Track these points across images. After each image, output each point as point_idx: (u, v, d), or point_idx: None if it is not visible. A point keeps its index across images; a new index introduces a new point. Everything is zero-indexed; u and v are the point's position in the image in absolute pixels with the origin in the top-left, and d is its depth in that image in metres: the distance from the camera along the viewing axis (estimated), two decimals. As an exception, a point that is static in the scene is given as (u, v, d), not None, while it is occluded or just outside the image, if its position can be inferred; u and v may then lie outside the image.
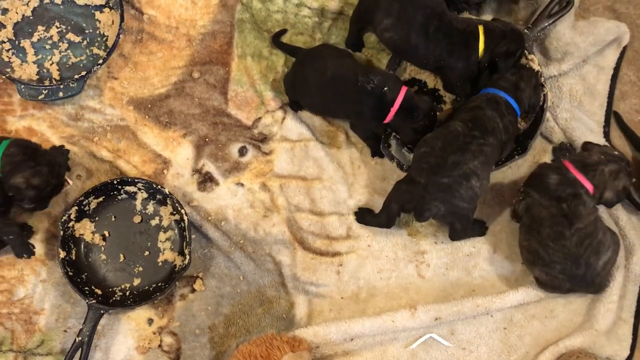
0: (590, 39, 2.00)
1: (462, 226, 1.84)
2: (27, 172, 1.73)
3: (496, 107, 1.81)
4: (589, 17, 2.08)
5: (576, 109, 2.01)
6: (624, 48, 2.07)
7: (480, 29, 1.85)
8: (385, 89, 1.79)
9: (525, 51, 1.94)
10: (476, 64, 1.87)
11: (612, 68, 2.05)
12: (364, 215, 1.92)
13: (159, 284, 1.85)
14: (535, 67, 1.94)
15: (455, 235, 1.89)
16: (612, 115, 2.04)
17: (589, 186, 1.76)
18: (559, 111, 1.99)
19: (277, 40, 2.03)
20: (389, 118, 1.83)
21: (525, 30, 1.97)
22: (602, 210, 1.91)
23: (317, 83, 1.86)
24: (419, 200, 1.75)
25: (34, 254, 1.85)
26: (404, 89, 1.81)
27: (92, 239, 1.88)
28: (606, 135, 2.01)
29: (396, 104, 1.80)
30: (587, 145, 1.88)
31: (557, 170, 1.79)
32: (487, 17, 2.05)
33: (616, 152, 1.84)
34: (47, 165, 1.77)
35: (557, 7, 2.00)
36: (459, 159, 1.73)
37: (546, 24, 1.98)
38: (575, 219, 1.73)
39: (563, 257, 1.73)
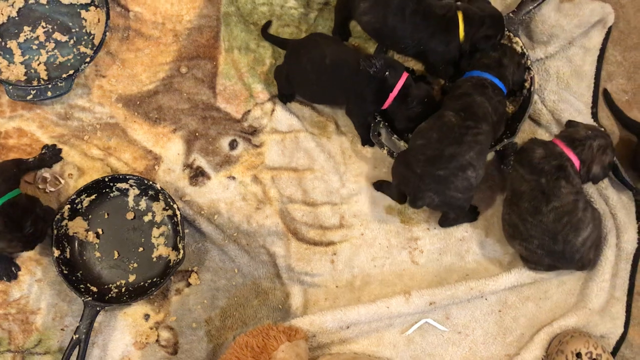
0: (575, 20, 2.01)
1: (456, 215, 1.85)
2: (2, 243, 1.72)
3: (483, 92, 1.82)
4: (574, -1, 2.09)
5: (563, 90, 2.01)
6: (609, 29, 2.07)
7: (460, 15, 1.85)
8: (387, 73, 1.80)
9: (510, 34, 1.94)
10: (457, 48, 1.87)
11: (598, 49, 2.06)
12: (381, 185, 1.95)
13: (154, 279, 1.86)
14: (519, 49, 1.94)
15: (447, 222, 1.90)
16: (600, 95, 2.04)
17: (575, 160, 1.77)
18: (546, 93, 2.00)
19: (265, 33, 2.04)
20: (387, 103, 1.83)
21: (510, 14, 1.97)
22: (591, 191, 1.92)
23: (315, 71, 1.85)
24: (414, 188, 1.76)
25: (16, 277, 1.85)
26: (404, 75, 1.82)
27: (86, 236, 1.89)
28: (594, 115, 2.02)
29: (395, 89, 1.81)
30: (571, 123, 1.89)
31: (544, 145, 1.80)
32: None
33: (602, 129, 1.85)
34: (26, 237, 1.74)
35: (541, -10, 2.00)
36: (455, 151, 1.73)
37: (531, 7, 1.99)
38: (552, 196, 1.73)
39: (541, 232, 1.74)
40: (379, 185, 1.96)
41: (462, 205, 1.80)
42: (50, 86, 1.93)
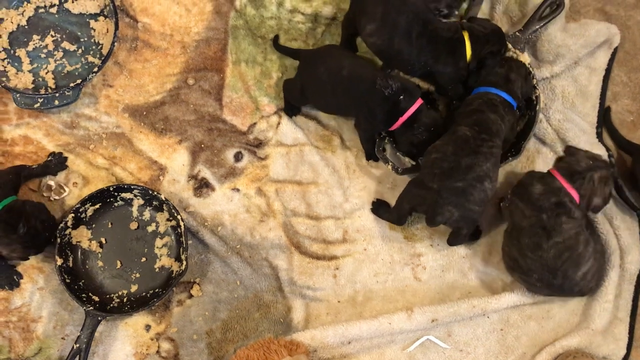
0: (581, 40, 2.02)
1: (468, 231, 1.84)
2: (5, 249, 1.74)
3: (495, 110, 1.81)
4: (580, 19, 2.10)
5: (569, 110, 2.02)
6: (615, 49, 2.08)
7: (466, 35, 1.85)
8: (401, 97, 1.80)
9: (517, 52, 1.95)
10: (465, 68, 1.87)
11: (603, 69, 2.07)
12: (378, 208, 1.94)
13: (156, 290, 1.86)
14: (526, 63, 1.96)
15: (458, 240, 1.88)
16: (601, 113, 2.05)
17: (575, 195, 1.76)
18: (551, 112, 2.01)
19: (277, 44, 2.04)
20: (395, 126, 1.84)
21: (517, 33, 1.98)
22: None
23: (332, 81, 1.84)
24: (432, 204, 1.74)
25: (18, 285, 1.86)
26: (418, 102, 1.82)
27: (89, 246, 1.89)
28: (599, 135, 2.03)
29: (406, 114, 1.81)
30: (570, 150, 1.88)
31: (542, 180, 1.79)
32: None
33: (607, 152, 1.85)
34: (22, 238, 1.74)
35: (548, 10, 2.02)
36: (472, 162, 1.72)
37: (537, 27, 2.00)
38: (553, 232, 1.73)
39: (540, 268, 1.74)
40: (376, 209, 1.94)
41: (476, 219, 1.78)
42: (57, 95, 1.94)
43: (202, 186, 1.96)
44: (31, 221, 1.76)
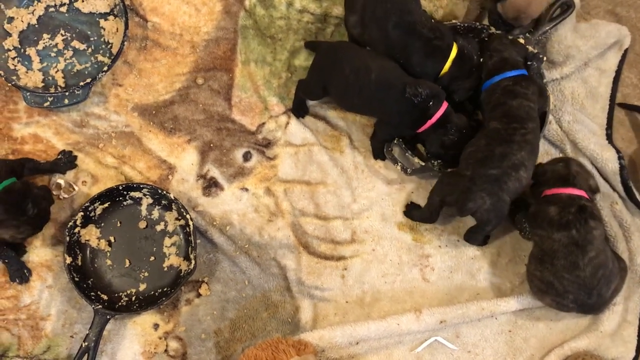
0: (591, 42, 2.01)
1: (493, 227, 1.82)
2: (11, 230, 1.75)
3: (514, 94, 1.79)
4: (590, 20, 2.09)
5: (578, 111, 2.01)
6: (625, 51, 2.07)
7: (454, 50, 1.84)
8: (430, 104, 1.79)
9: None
10: (435, 75, 1.86)
11: (613, 71, 2.06)
12: (411, 210, 1.94)
13: (165, 289, 1.86)
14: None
15: (477, 236, 1.87)
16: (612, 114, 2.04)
17: (581, 193, 1.76)
18: (561, 114, 2.00)
19: (306, 43, 2.05)
20: (423, 128, 1.84)
21: (527, 34, 1.98)
22: (605, 213, 1.91)
23: (359, 84, 1.83)
24: (464, 191, 1.73)
25: (27, 280, 1.87)
26: (444, 105, 1.82)
27: (98, 244, 1.89)
28: (608, 137, 2.02)
29: (434, 117, 1.81)
30: (537, 167, 1.85)
31: (549, 201, 1.77)
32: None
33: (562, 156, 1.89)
34: (32, 219, 1.76)
35: (558, 11, 2.01)
36: (505, 151, 1.72)
37: (547, 28, 1.99)
38: (588, 245, 1.71)
39: (577, 288, 1.72)
40: (409, 212, 1.94)
41: (505, 213, 1.76)
42: (67, 94, 1.94)
43: (210, 185, 1.97)
44: (41, 204, 1.77)
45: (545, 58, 1.93)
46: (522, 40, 1.93)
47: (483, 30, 1.99)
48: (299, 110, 2.02)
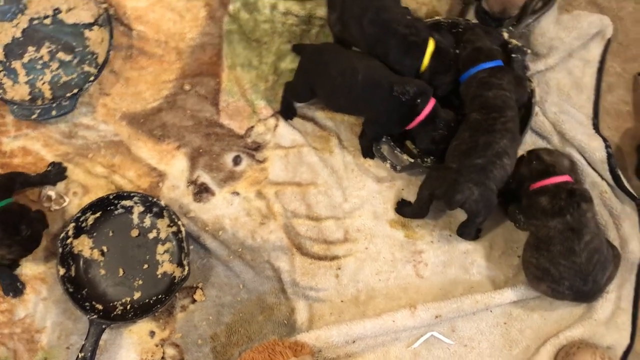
0: (574, 33, 2.03)
1: (483, 219, 1.83)
2: (3, 249, 1.75)
3: (489, 86, 1.81)
4: (572, 11, 2.11)
5: (564, 102, 2.03)
6: (608, 41, 2.09)
7: (431, 45, 1.86)
8: (419, 101, 1.81)
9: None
10: (414, 73, 1.87)
11: (597, 61, 2.08)
12: (401, 207, 1.95)
13: (159, 296, 1.86)
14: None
15: (469, 229, 1.88)
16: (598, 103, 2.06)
17: (564, 178, 1.78)
18: (547, 105, 2.02)
19: (293, 47, 2.06)
20: (412, 125, 1.85)
21: (510, 28, 1.99)
22: (595, 202, 1.92)
23: (346, 85, 1.84)
24: (451, 183, 1.75)
25: (21, 294, 1.86)
26: (432, 101, 1.83)
27: (91, 254, 1.89)
28: (595, 127, 2.03)
29: (422, 114, 1.82)
30: (517, 175, 1.85)
31: (539, 193, 1.78)
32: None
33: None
34: (24, 240, 1.76)
35: (540, 3, 2.03)
36: (489, 140, 1.75)
37: (530, 20, 2.01)
38: (583, 228, 1.72)
39: (573, 274, 1.73)
40: (400, 208, 1.96)
41: (494, 202, 1.78)
42: (54, 105, 1.94)
43: (201, 191, 1.97)
44: (35, 226, 1.78)
45: (529, 51, 1.95)
46: (505, 34, 1.95)
47: (467, 25, 2.00)
48: (287, 112, 2.03)
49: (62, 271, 1.83)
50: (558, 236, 1.73)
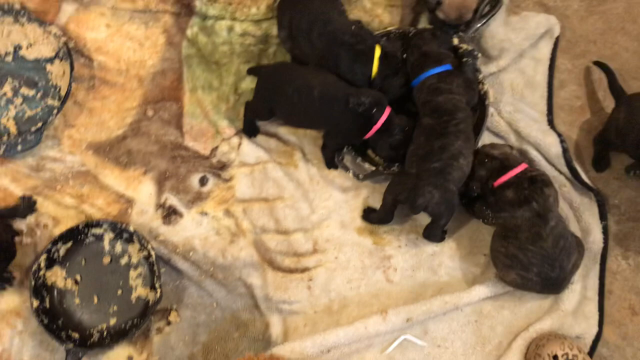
0: (523, 33, 2.09)
1: (446, 220, 1.87)
2: None
3: (439, 91, 1.86)
4: (520, 12, 2.17)
5: (518, 101, 2.08)
6: (557, 38, 2.15)
7: (378, 51, 1.90)
8: (374, 110, 1.85)
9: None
10: (366, 80, 1.92)
11: (548, 59, 2.14)
12: (368, 214, 1.99)
13: (135, 320, 1.88)
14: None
15: (434, 231, 1.92)
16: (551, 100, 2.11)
17: (521, 167, 1.84)
18: (502, 105, 2.07)
19: (248, 69, 2.10)
20: (369, 134, 1.89)
21: (460, 33, 2.04)
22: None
23: (303, 102, 1.88)
24: (412, 188, 1.80)
25: (11, 284, 1.88)
26: (388, 110, 1.88)
27: (65, 284, 1.91)
28: (550, 123, 2.08)
29: (379, 123, 1.87)
30: (478, 180, 1.89)
31: (503, 187, 1.83)
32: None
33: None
34: None
35: (487, 7, 2.08)
36: (443, 143, 1.80)
37: (479, 24, 2.06)
38: (548, 212, 1.77)
39: (541, 259, 1.77)
40: (366, 215, 1.99)
41: (455, 203, 1.82)
42: (20, 140, 1.97)
43: (170, 214, 2.00)
44: (3, 235, 1.80)
45: (479, 54, 2.00)
46: (456, 40, 2.00)
47: (417, 30, 2.05)
48: (249, 130, 2.07)
49: (36, 303, 1.84)
50: (525, 223, 1.78)
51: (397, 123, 1.88)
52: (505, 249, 1.82)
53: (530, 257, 1.78)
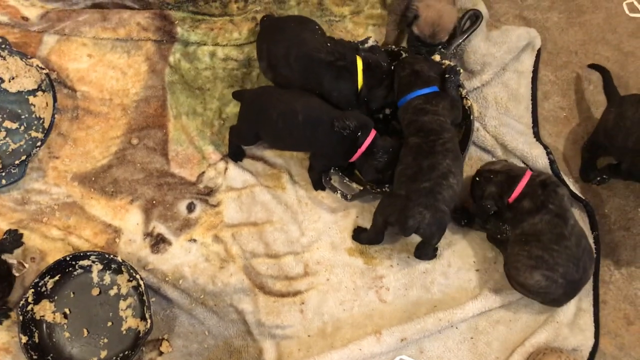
0: (504, 47, 2.10)
1: (438, 240, 1.86)
2: None
3: (425, 111, 1.87)
4: (501, 27, 2.18)
5: (503, 115, 2.09)
6: (539, 51, 2.17)
7: (359, 63, 1.91)
8: (359, 134, 1.85)
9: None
10: (353, 94, 1.93)
11: (530, 71, 2.15)
12: (358, 234, 1.98)
13: (126, 352, 1.85)
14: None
15: (425, 251, 1.92)
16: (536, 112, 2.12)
17: (527, 175, 1.84)
18: (487, 119, 2.07)
19: (233, 94, 2.09)
20: (355, 157, 1.89)
21: (442, 49, 2.05)
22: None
23: (288, 127, 1.88)
24: (402, 209, 1.77)
25: (8, 317, 1.86)
26: (372, 133, 1.87)
27: (54, 318, 1.88)
28: (536, 135, 2.09)
29: (363, 146, 1.86)
30: (490, 198, 1.89)
31: (519, 200, 1.82)
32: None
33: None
34: None
35: (468, 23, 2.10)
36: (432, 162, 1.79)
37: (460, 40, 2.08)
38: (565, 211, 1.78)
39: (566, 259, 1.76)
40: (357, 235, 1.98)
41: (446, 223, 1.81)
42: (4, 174, 1.95)
43: (158, 242, 1.98)
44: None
45: (461, 70, 2.01)
46: (437, 57, 2.00)
47: (400, 52, 2.06)
48: (235, 154, 2.06)
49: (24, 339, 1.81)
50: (546, 226, 1.78)
51: (382, 145, 1.87)
52: (527, 252, 1.80)
53: (556, 257, 1.76)
